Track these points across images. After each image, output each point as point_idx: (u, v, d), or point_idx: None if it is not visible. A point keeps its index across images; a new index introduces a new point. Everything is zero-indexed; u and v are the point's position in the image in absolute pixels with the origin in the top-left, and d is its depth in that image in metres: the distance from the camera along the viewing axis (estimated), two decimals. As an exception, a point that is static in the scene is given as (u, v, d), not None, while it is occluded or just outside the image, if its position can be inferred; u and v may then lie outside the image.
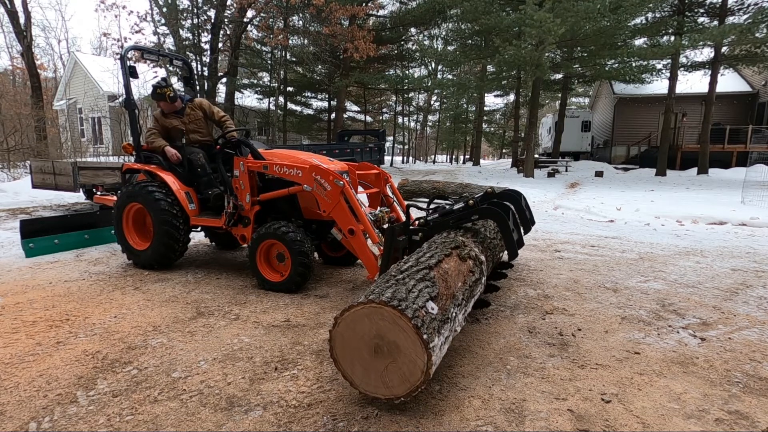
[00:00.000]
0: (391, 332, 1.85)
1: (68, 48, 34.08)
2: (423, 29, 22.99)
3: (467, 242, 2.84)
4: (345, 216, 3.44)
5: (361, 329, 1.91)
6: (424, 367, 1.82)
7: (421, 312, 1.88)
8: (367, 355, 1.92)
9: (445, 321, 2.04)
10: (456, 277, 2.39)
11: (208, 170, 4.29)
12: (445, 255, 2.50)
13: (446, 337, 2.03)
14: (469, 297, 2.47)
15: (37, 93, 16.16)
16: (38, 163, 7.89)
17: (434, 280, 2.16)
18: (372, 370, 1.93)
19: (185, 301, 3.43)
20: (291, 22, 17.57)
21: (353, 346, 1.94)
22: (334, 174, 3.48)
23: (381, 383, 1.92)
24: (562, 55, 18.83)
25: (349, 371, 1.99)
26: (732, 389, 2.21)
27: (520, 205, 3.66)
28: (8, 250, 4.98)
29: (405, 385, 1.88)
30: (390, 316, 1.84)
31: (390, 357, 1.88)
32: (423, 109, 40.20)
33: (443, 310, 2.05)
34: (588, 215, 8.47)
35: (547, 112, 34.74)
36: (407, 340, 1.83)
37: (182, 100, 4.57)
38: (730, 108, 21.91)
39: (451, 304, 2.18)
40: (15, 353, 2.52)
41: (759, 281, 4.10)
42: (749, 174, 10.95)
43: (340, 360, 2.00)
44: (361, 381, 1.97)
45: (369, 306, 1.88)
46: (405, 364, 1.85)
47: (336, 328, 1.96)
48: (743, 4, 16.63)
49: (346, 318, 1.93)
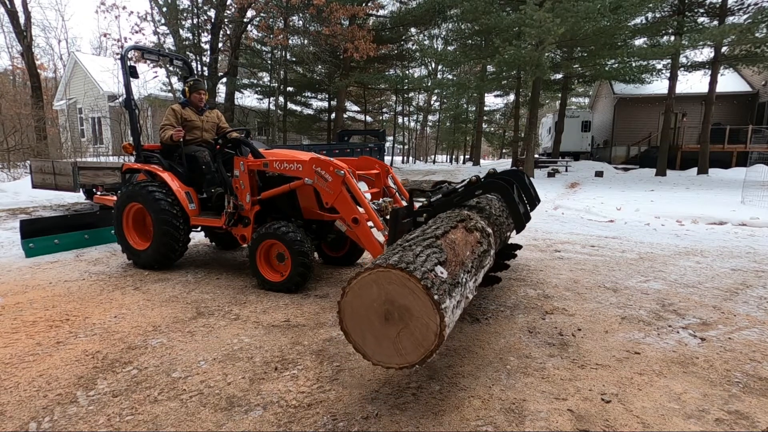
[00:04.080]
0: (400, 296, 1.78)
1: (68, 48, 34.11)
2: (423, 29, 22.98)
3: (473, 216, 2.75)
4: (348, 205, 3.42)
5: (370, 296, 1.84)
6: (437, 329, 1.75)
7: (430, 275, 1.80)
8: (378, 323, 1.85)
9: (456, 285, 1.96)
10: (464, 246, 2.30)
11: (213, 168, 4.29)
12: (451, 227, 2.40)
13: (458, 301, 1.95)
14: (478, 267, 2.37)
15: (37, 93, 16.17)
16: (38, 163, 7.89)
17: (441, 247, 2.08)
18: (384, 338, 1.85)
19: (185, 301, 3.43)
20: (291, 22, 17.55)
21: (363, 314, 1.87)
22: (334, 164, 3.48)
23: (394, 351, 1.85)
24: (562, 55, 18.83)
25: (360, 342, 1.91)
26: (732, 389, 2.21)
27: (524, 182, 3.60)
28: (8, 250, 4.98)
29: (419, 351, 1.81)
30: (399, 279, 1.77)
31: (402, 322, 1.81)
32: (423, 109, 40.19)
33: (453, 275, 1.97)
34: (588, 215, 8.47)
35: (547, 112, 34.74)
36: (418, 302, 1.76)
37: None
38: (730, 108, 21.90)
39: (461, 270, 2.09)
40: (15, 353, 2.52)
41: (759, 281, 4.10)
42: (749, 174, 10.96)
43: (350, 332, 1.92)
44: (373, 351, 1.89)
45: (376, 271, 1.80)
46: (417, 329, 1.78)
47: (344, 297, 1.89)
48: (743, 4, 16.63)
49: (353, 287, 1.86)
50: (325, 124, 27.80)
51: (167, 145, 4.44)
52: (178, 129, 4.33)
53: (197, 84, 4.61)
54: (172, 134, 4.30)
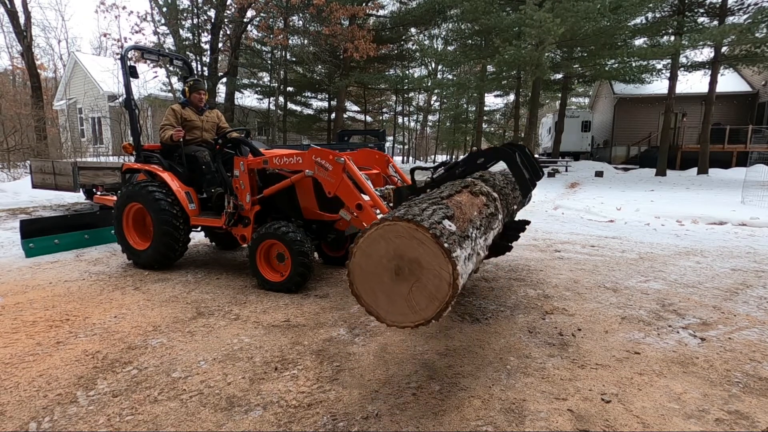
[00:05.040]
0: (409, 248, 1.72)
1: (68, 48, 34.08)
2: (423, 29, 22.97)
3: (477, 182, 2.70)
4: (350, 192, 3.40)
5: (378, 253, 1.78)
6: (450, 279, 1.68)
7: (438, 226, 1.74)
8: (389, 281, 1.78)
9: (465, 238, 1.89)
10: (470, 207, 2.24)
11: (213, 168, 4.29)
12: (456, 191, 2.35)
13: (469, 254, 1.87)
14: (487, 227, 2.30)
15: (37, 93, 16.15)
16: (38, 163, 7.89)
17: (448, 205, 2.03)
18: (396, 296, 1.79)
19: (185, 301, 3.43)
20: (291, 22, 17.54)
21: (373, 273, 1.81)
22: (333, 153, 3.48)
23: (408, 309, 1.79)
24: (562, 55, 18.81)
25: (373, 304, 1.85)
26: (732, 389, 2.21)
27: (527, 153, 3.58)
28: (8, 250, 4.98)
29: (434, 304, 1.75)
30: (406, 231, 1.71)
31: (413, 276, 1.74)
32: (423, 109, 40.16)
33: (461, 229, 1.91)
34: (588, 215, 8.47)
35: (547, 112, 34.74)
36: (428, 252, 1.69)
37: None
38: (730, 108, 21.90)
39: (469, 225, 2.02)
40: (15, 353, 2.52)
41: (759, 281, 4.10)
42: (749, 174, 10.96)
43: (362, 294, 1.86)
44: (386, 312, 1.83)
45: (383, 225, 1.75)
46: (430, 281, 1.72)
47: (353, 259, 1.83)
48: (743, 4, 16.62)
49: (361, 245, 1.80)
50: (325, 124, 27.79)
51: (167, 145, 4.43)
52: (178, 129, 4.33)
53: (197, 84, 4.61)
54: (173, 134, 4.29)
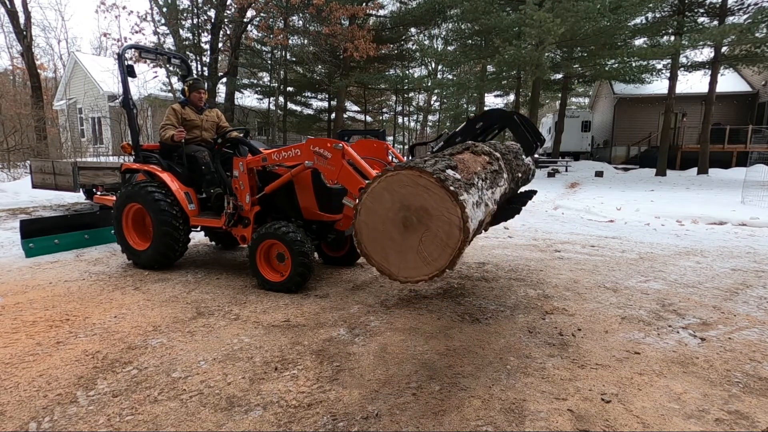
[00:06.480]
0: (415, 197, 1.66)
1: (68, 48, 34.07)
2: (423, 29, 22.96)
3: (477, 144, 2.65)
4: (352, 178, 3.36)
5: (384, 207, 1.72)
6: (460, 223, 1.62)
7: (441, 173, 1.68)
8: (398, 235, 1.72)
9: (471, 185, 1.82)
10: (473, 163, 2.18)
11: (212, 168, 4.29)
12: (458, 152, 2.30)
13: (476, 201, 1.80)
14: (492, 182, 2.23)
15: (37, 93, 16.15)
16: (38, 163, 7.89)
17: (452, 159, 1.97)
18: (407, 250, 1.73)
19: (185, 301, 3.43)
20: (291, 22, 17.54)
21: (380, 229, 1.74)
22: (331, 140, 3.47)
23: (420, 261, 1.72)
24: (562, 55, 18.81)
25: (384, 262, 1.79)
26: (732, 389, 2.21)
27: (525, 118, 3.57)
28: (8, 250, 4.98)
29: (446, 252, 1.68)
30: (410, 179, 1.65)
31: (422, 226, 1.68)
32: (423, 109, 40.17)
33: (466, 178, 1.84)
34: (588, 215, 8.47)
35: (547, 112, 34.72)
36: (434, 198, 1.63)
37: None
38: (730, 108, 21.89)
39: (474, 176, 1.95)
40: (15, 353, 2.52)
41: (759, 281, 4.10)
42: (749, 174, 10.95)
43: (371, 253, 1.79)
44: (398, 268, 1.77)
45: (385, 177, 1.69)
46: (440, 228, 1.65)
47: (358, 217, 1.77)
48: (743, 4, 16.62)
49: (365, 202, 1.75)
50: (325, 124, 27.79)
51: (166, 145, 4.43)
52: (179, 129, 4.33)
53: (197, 83, 4.61)
54: (174, 134, 4.28)
